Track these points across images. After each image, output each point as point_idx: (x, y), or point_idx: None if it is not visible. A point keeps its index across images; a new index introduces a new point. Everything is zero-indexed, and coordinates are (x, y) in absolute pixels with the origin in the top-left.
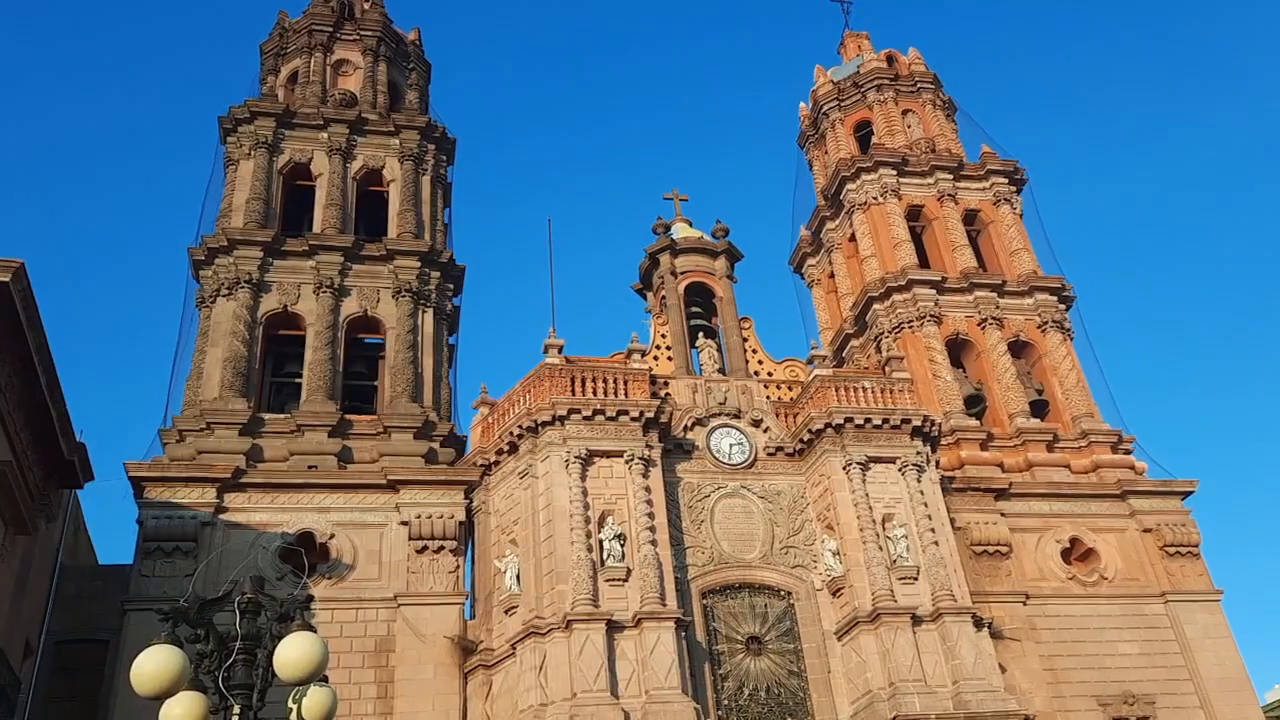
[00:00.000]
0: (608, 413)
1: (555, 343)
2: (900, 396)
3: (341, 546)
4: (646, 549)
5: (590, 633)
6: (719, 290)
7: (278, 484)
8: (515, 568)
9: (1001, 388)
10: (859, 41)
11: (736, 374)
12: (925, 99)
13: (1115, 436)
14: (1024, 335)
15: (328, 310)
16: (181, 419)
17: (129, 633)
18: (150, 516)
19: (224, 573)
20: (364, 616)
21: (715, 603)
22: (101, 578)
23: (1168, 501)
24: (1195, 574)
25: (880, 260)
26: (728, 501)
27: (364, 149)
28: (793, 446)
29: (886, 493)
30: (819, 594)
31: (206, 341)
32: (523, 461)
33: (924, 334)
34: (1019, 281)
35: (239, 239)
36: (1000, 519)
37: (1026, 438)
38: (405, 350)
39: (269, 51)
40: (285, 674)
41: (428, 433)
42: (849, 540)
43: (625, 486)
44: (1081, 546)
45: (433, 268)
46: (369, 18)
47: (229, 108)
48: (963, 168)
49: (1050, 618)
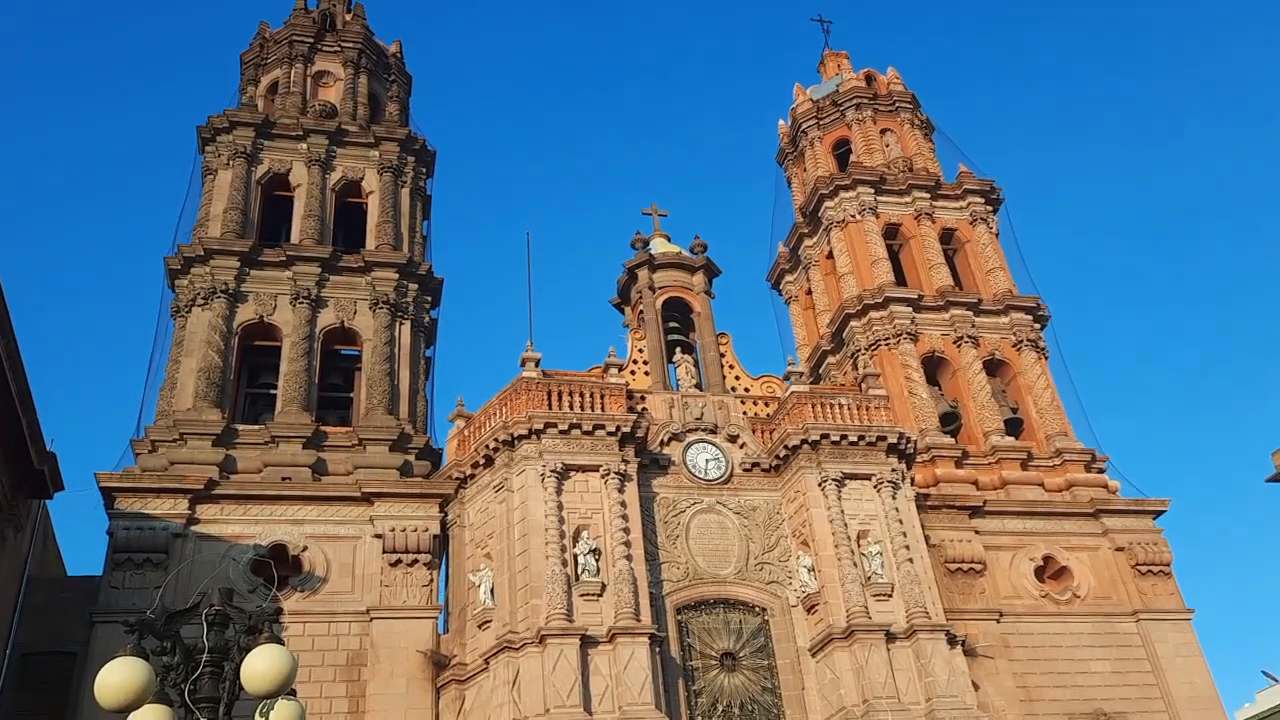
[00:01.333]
0: (584, 427)
1: (533, 356)
2: (876, 413)
3: (314, 559)
4: (621, 564)
5: (564, 648)
6: (697, 306)
7: (251, 495)
8: (489, 582)
9: (977, 406)
10: (839, 61)
11: (714, 389)
12: (903, 118)
13: (1089, 455)
14: (999, 354)
15: (304, 321)
16: (154, 429)
17: (97, 645)
18: (121, 527)
19: (194, 585)
20: (336, 630)
21: (690, 618)
22: (70, 589)
23: (1140, 520)
24: (1167, 593)
25: (858, 278)
26: (703, 517)
27: (343, 160)
28: (769, 462)
29: (862, 509)
30: (794, 610)
31: (181, 351)
32: (498, 475)
33: (900, 351)
34: (995, 300)
35: (216, 249)
36: (974, 536)
37: (1001, 456)
38: (382, 362)
39: (249, 61)
40: (253, 687)
41: (403, 445)
42: (824, 557)
43: (601, 501)
44: (1055, 565)
45: (411, 280)
46: (350, 29)
47: (208, 117)
48: (940, 187)
49: (1023, 635)
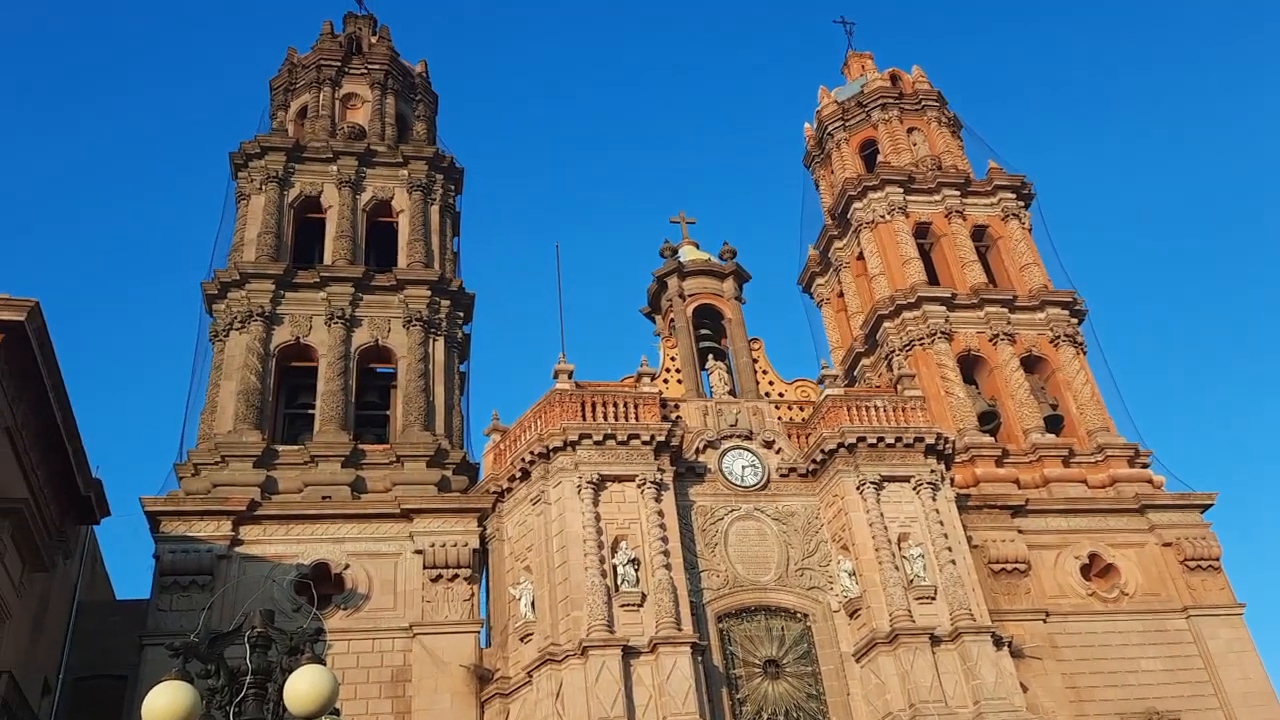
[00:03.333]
0: (619, 437)
1: (565, 368)
2: (913, 414)
3: (356, 577)
4: (661, 573)
5: (606, 659)
6: (728, 312)
7: (292, 515)
8: (530, 594)
9: (1015, 403)
10: (862, 61)
11: (747, 395)
12: (930, 116)
13: (1132, 450)
14: (1036, 350)
15: (339, 341)
16: (196, 452)
17: (146, 668)
18: (166, 550)
19: (239, 606)
20: (380, 647)
21: (731, 626)
22: (119, 613)
23: (1187, 515)
24: (1217, 588)
25: (889, 278)
26: (741, 524)
27: (373, 180)
28: (805, 467)
29: (901, 512)
30: (836, 615)
31: (220, 375)
32: (535, 488)
33: (935, 351)
34: (1030, 296)
35: (251, 272)
36: (1017, 536)
37: (1042, 453)
38: (417, 379)
39: (278, 87)
40: (296, 708)
41: (440, 461)
42: (865, 561)
43: (638, 511)
44: (1101, 562)
45: (443, 296)
46: (376, 52)
47: (239, 143)
48: (970, 184)
49: (1071, 635)
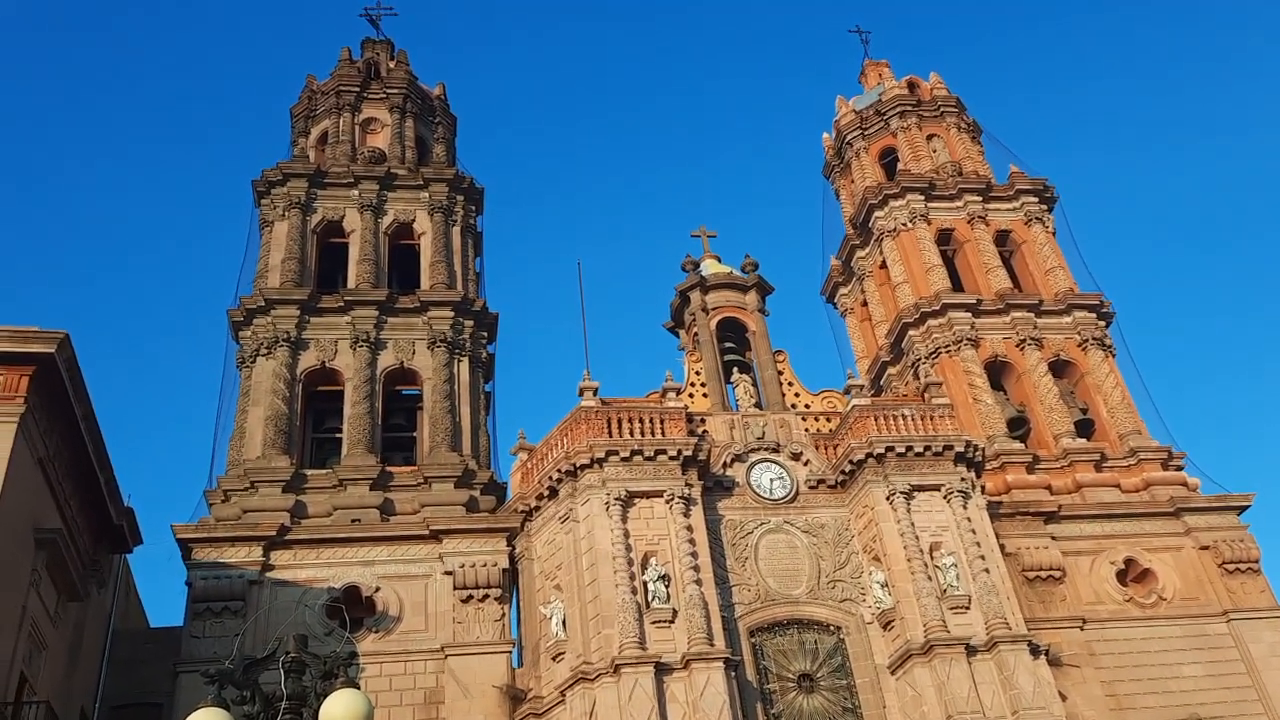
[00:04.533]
0: (646, 453)
1: (590, 385)
2: (941, 422)
3: (387, 599)
4: (691, 589)
5: (639, 676)
6: (751, 324)
7: (322, 539)
8: (561, 613)
9: (1044, 409)
10: (879, 70)
11: (773, 408)
12: (949, 123)
13: (1165, 453)
14: (1064, 354)
15: (365, 364)
16: (226, 479)
17: (181, 695)
18: (199, 577)
19: (271, 631)
20: (412, 669)
21: (764, 641)
22: (153, 641)
23: (1224, 517)
24: (1257, 591)
25: (913, 286)
26: (771, 537)
27: (394, 203)
28: (834, 478)
29: (933, 521)
30: (869, 627)
31: (248, 401)
32: (563, 505)
33: (962, 358)
34: (1056, 300)
35: (276, 298)
36: (1051, 543)
37: (1074, 458)
38: (442, 400)
39: (299, 114)
40: None
41: (468, 481)
42: (897, 571)
43: (667, 526)
44: (1137, 567)
45: (466, 317)
46: (394, 76)
47: (262, 171)
48: (991, 189)
49: (1109, 642)
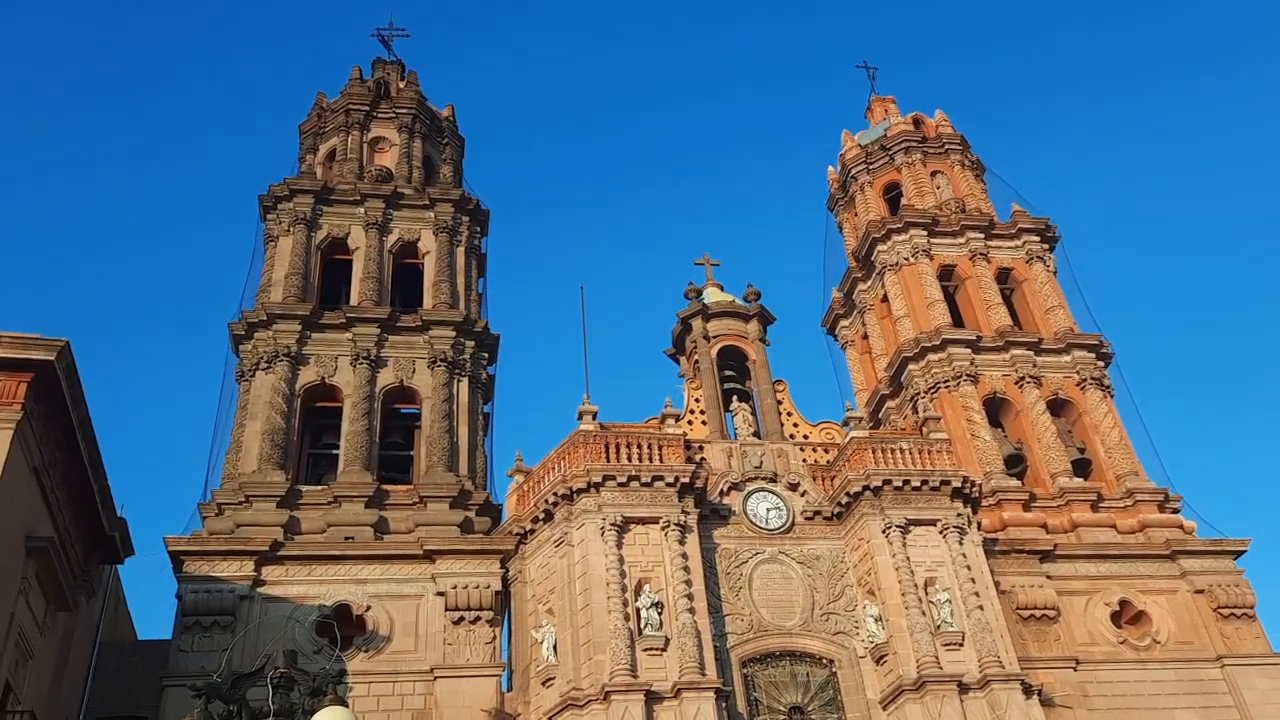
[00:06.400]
0: (643, 479)
1: (589, 409)
2: (939, 457)
3: (378, 618)
4: (684, 617)
5: (629, 704)
6: (752, 353)
7: (314, 556)
8: (552, 638)
9: (1042, 447)
10: (885, 105)
11: (772, 437)
12: (953, 160)
13: (1162, 495)
14: (1063, 393)
15: (364, 381)
16: (220, 492)
17: (168, 709)
18: (189, 590)
19: (261, 647)
20: (400, 690)
21: (755, 672)
22: (141, 653)
23: (1219, 561)
24: (1252, 636)
25: (914, 320)
26: (766, 567)
27: (400, 222)
28: (831, 510)
29: (928, 556)
30: (862, 661)
31: (245, 415)
32: (558, 529)
33: (961, 394)
34: (1056, 339)
35: (278, 313)
36: (1046, 581)
37: (1070, 498)
38: (441, 420)
39: (308, 131)
40: None
41: (463, 502)
42: (891, 605)
43: (662, 554)
44: (1132, 609)
45: (468, 337)
46: (404, 96)
47: (269, 186)
48: (994, 226)
49: (1102, 684)
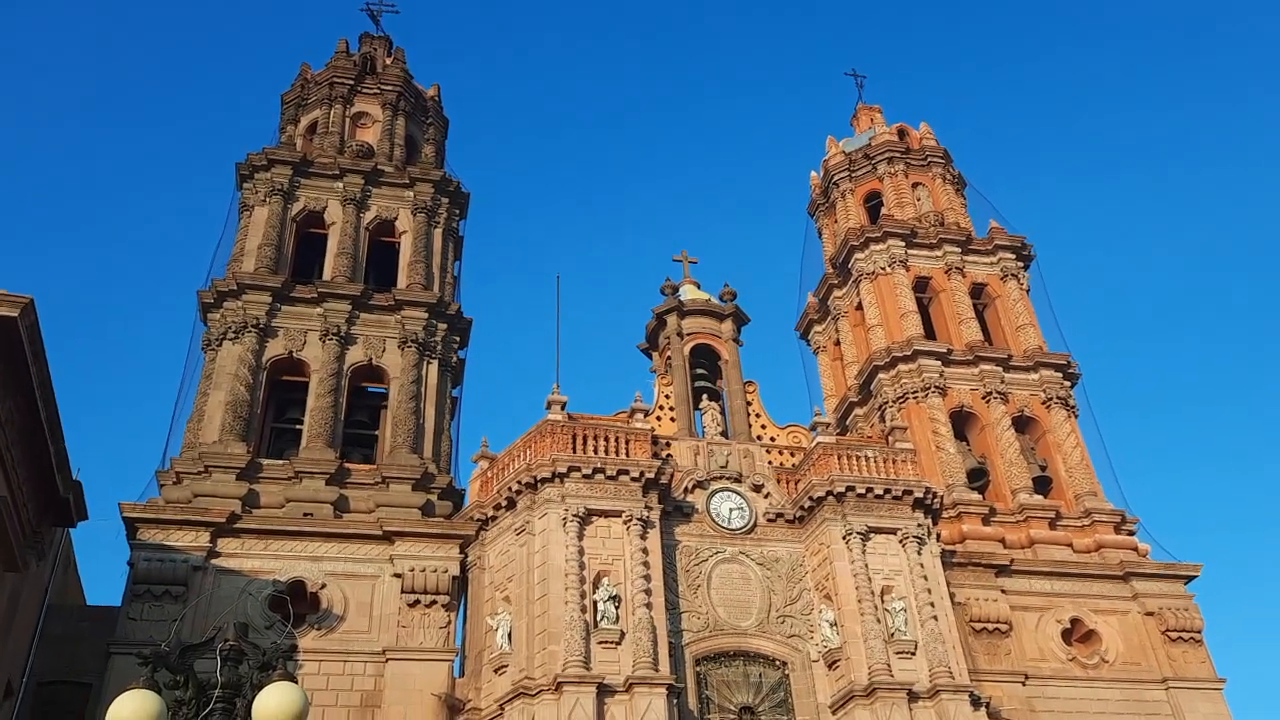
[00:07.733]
0: (608, 472)
1: (558, 399)
2: (903, 467)
3: (333, 596)
4: (641, 612)
5: (580, 696)
6: (725, 353)
7: (272, 530)
8: (507, 626)
9: (1005, 462)
10: (872, 114)
11: (739, 437)
12: (935, 173)
13: (1119, 517)
14: (1028, 411)
15: (333, 358)
16: (180, 461)
17: (112, 676)
18: (141, 558)
19: (212, 619)
20: (351, 670)
21: (709, 670)
22: (89, 619)
23: (1171, 585)
24: (1197, 661)
25: (886, 330)
26: (725, 567)
27: (378, 200)
28: (793, 513)
29: (886, 564)
30: (815, 665)
31: (210, 384)
32: (520, 518)
33: (928, 405)
34: (1024, 357)
35: (249, 284)
36: (1001, 596)
37: (1029, 514)
38: (408, 401)
39: (290, 101)
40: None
41: (426, 484)
42: (847, 611)
43: (622, 547)
44: (1083, 627)
45: (440, 320)
46: (390, 73)
47: (247, 155)
48: (971, 242)
49: (1049, 700)
